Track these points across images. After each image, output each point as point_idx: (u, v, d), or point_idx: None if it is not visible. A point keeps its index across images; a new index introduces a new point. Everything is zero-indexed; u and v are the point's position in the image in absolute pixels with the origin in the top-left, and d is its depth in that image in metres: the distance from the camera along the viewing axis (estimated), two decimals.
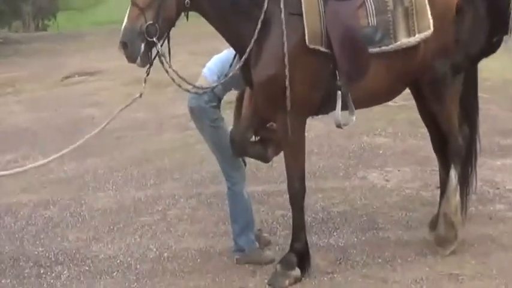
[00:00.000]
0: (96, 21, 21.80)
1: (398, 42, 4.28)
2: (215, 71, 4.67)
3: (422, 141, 6.72)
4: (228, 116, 4.94)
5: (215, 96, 4.68)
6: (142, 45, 4.01)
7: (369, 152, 7.04)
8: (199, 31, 4.40)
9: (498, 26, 3.74)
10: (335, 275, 4.61)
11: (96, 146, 7.28)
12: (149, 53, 4.09)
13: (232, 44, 4.41)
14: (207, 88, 4.51)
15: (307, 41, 4.16)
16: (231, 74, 4.43)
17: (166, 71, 4.18)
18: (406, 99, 4.85)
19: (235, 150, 4.67)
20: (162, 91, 9.45)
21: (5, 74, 14.49)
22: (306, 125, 4.50)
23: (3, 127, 9.67)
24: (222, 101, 4.77)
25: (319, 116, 4.64)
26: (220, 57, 4.76)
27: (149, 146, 7.99)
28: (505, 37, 4.23)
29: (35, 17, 25.97)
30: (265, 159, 4.85)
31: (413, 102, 5.03)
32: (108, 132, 6.74)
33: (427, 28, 4.29)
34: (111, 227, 5.64)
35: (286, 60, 4.16)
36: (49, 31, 25.55)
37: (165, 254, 5.06)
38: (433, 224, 4.92)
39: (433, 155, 5.19)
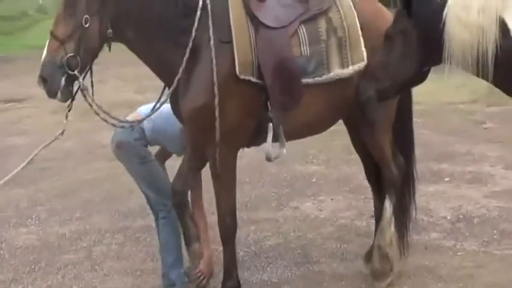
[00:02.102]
0: (26, 45, 21.04)
1: (332, 74, 4.14)
2: (152, 117, 4.38)
3: (355, 167, 6.63)
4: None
5: (145, 138, 4.52)
6: (63, 79, 3.79)
7: (301, 181, 6.92)
8: (130, 55, 4.18)
9: (429, 56, 3.65)
10: None
11: (19, 177, 6.86)
12: (71, 87, 3.87)
13: (159, 74, 4.20)
14: (133, 122, 4.31)
15: (237, 71, 3.98)
16: (158, 105, 4.23)
17: (90, 105, 3.97)
18: (338, 123, 4.69)
19: (175, 202, 4.37)
20: (91, 118, 9.08)
21: None
22: (238, 152, 4.30)
23: None
24: None
25: None
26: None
27: (75, 176, 7.67)
28: None
29: None
30: None
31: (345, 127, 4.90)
32: (33, 162, 6.38)
33: (360, 60, 4.18)
34: (33, 267, 5.30)
35: (216, 90, 3.97)
36: None
37: None
38: (369, 256, 4.78)
39: (367, 183, 5.08)
